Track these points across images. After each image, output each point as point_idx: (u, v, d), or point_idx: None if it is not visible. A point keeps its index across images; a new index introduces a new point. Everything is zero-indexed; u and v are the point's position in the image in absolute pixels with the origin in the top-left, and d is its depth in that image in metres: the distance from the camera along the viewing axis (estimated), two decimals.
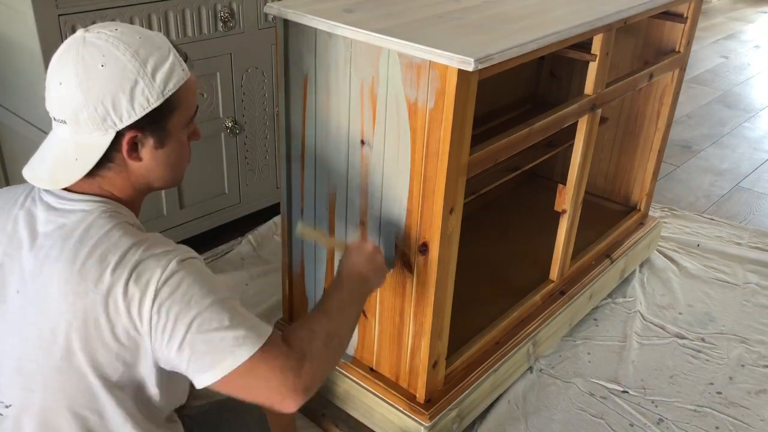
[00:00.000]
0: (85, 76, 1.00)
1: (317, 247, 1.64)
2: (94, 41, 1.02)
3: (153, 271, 0.99)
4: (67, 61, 1.02)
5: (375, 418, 1.65)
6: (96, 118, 1.01)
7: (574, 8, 1.57)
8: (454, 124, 1.27)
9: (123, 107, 1.01)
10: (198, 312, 0.99)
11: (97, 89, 1.00)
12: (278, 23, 1.48)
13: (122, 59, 1.01)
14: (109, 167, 1.06)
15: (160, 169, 1.10)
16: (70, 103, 1.01)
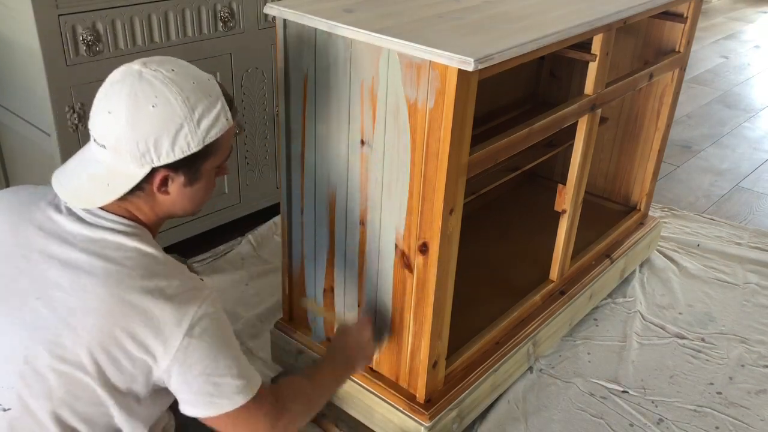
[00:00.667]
0: (135, 112, 1.04)
1: (317, 247, 1.64)
2: (150, 79, 1.06)
3: (191, 305, 1.07)
4: (120, 92, 1.06)
5: (375, 418, 1.65)
6: (136, 153, 1.06)
7: (574, 8, 1.57)
8: (454, 124, 1.27)
9: (164, 148, 1.06)
10: (215, 357, 1.09)
11: (143, 127, 1.04)
12: (278, 23, 1.48)
13: (173, 103, 1.05)
14: (138, 195, 1.12)
15: (185, 203, 1.17)
16: (115, 133, 1.06)
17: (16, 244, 1.10)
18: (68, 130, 1.89)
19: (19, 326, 1.06)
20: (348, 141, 1.47)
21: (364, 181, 1.47)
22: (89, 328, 1.04)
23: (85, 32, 1.84)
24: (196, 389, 1.09)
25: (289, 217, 1.68)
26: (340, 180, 1.52)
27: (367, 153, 1.44)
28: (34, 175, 2.11)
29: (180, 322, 1.06)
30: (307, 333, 1.76)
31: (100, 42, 1.88)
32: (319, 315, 1.70)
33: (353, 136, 1.45)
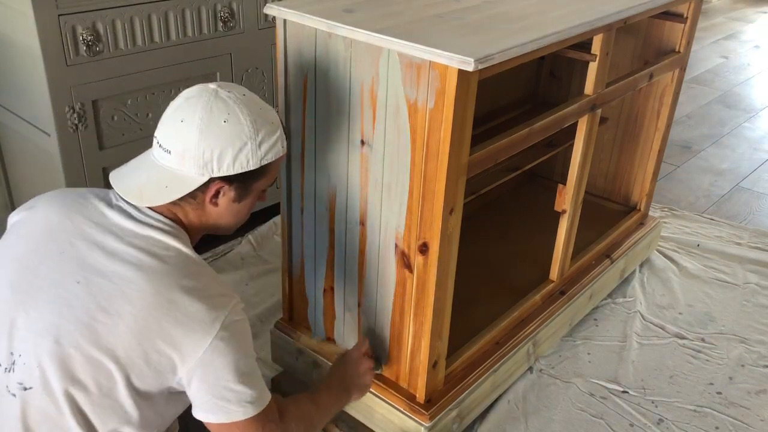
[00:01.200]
0: (208, 123, 1.15)
1: (317, 247, 1.64)
2: (224, 98, 1.17)
3: (222, 310, 1.13)
4: (196, 105, 1.16)
5: (375, 418, 1.65)
6: (200, 161, 1.15)
7: (574, 8, 1.57)
8: (454, 124, 1.27)
9: (226, 161, 1.16)
10: (238, 363, 1.14)
11: (212, 138, 1.15)
12: (278, 23, 1.48)
13: (242, 122, 1.16)
14: (189, 202, 1.20)
15: (229, 218, 1.26)
16: (184, 140, 1.15)
17: (64, 230, 1.17)
18: (68, 130, 1.89)
19: (56, 304, 1.11)
20: (348, 141, 1.47)
21: (364, 181, 1.47)
22: (126, 317, 1.08)
23: (85, 32, 1.84)
24: (213, 393, 1.14)
25: (289, 217, 1.68)
26: (340, 180, 1.52)
27: (367, 153, 1.44)
28: (34, 175, 2.11)
29: (213, 323, 1.12)
30: (307, 333, 1.76)
31: (100, 42, 1.88)
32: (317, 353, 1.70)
33: (353, 136, 1.45)
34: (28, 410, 1.11)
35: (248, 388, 1.16)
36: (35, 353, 1.10)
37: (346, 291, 1.62)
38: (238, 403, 1.15)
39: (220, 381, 1.14)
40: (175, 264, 1.14)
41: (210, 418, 1.16)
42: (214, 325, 1.12)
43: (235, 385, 1.14)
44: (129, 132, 2.04)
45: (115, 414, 1.12)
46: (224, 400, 1.14)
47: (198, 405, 1.16)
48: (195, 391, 1.15)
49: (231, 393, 1.14)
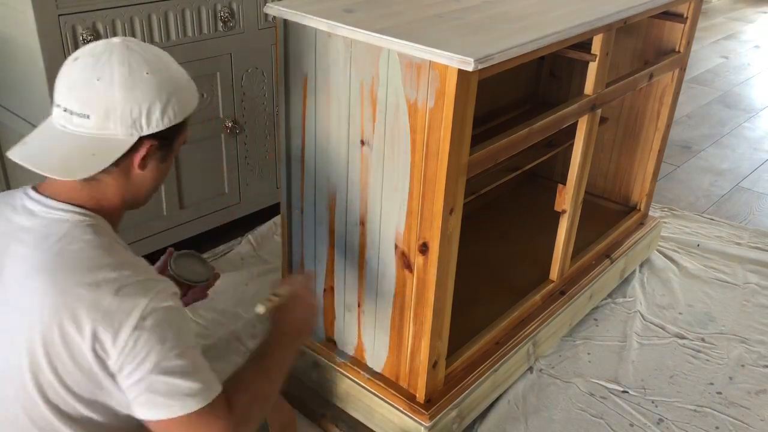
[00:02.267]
0: (130, 78, 1.06)
1: (317, 247, 1.64)
2: (139, 51, 1.09)
3: (140, 298, 1.02)
4: (110, 60, 1.06)
5: (375, 418, 1.65)
6: (127, 119, 1.06)
7: (574, 8, 1.57)
8: (454, 124, 1.27)
9: (155, 116, 1.07)
10: (167, 353, 1.03)
11: (139, 92, 1.06)
12: (278, 23, 1.48)
13: (164, 73, 1.09)
14: (110, 172, 1.09)
15: (152, 183, 1.16)
16: (105, 100, 1.05)
17: None
18: None
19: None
20: (348, 141, 1.47)
21: (364, 181, 1.47)
22: (37, 324, 1.01)
23: (85, 32, 1.83)
24: (146, 387, 1.03)
25: (289, 217, 1.68)
26: (340, 180, 1.52)
27: (367, 153, 1.44)
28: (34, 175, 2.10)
29: (130, 313, 1.01)
30: None
31: None
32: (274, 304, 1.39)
33: (353, 136, 1.45)
34: None
35: (185, 380, 1.03)
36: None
37: (346, 291, 1.62)
38: (176, 396, 1.03)
39: (150, 374, 1.02)
40: (83, 258, 1.03)
41: (147, 414, 1.04)
42: (132, 316, 1.01)
43: (169, 377, 1.02)
44: None
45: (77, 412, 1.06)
46: (159, 394, 1.03)
47: (135, 403, 1.04)
48: (128, 388, 1.04)
49: (166, 386, 1.03)
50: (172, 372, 1.03)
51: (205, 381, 1.06)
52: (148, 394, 1.03)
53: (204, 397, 1.05)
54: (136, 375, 1.02)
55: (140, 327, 1.01)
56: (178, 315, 1.07)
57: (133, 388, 1.03)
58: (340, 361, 1.68)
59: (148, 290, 1.04)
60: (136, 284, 1.04)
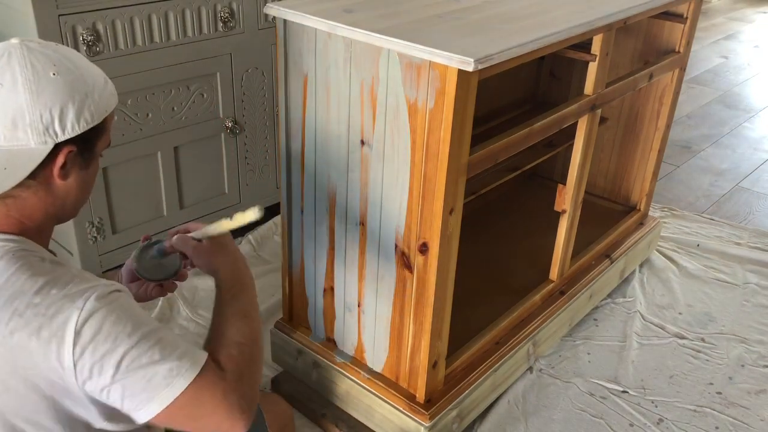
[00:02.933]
0: (35, 80, 0.96)
1: (317, 247, 1.64)
2: (41, 50, 0.99)
3: (69, 313, 0.93)
4: (9, 64, 0.96)
5: (375, 418, 1.65)
6: (38, 126, 0.96)
7: (574, 8, 1.57)
8: (454, 124, 1.27)
9: (69, 119, 0.97)
10: (125, 350, 0.94)
11: (46, 95, 0.96)
12: (278, 23, 1.48)
13: (74, 72, 0.99)
14: (28, 185, 0.99)
15: (78, 192, 1.06)
16: (11, 108, 0.95)
17: None
18: None
19: None
20: (348, 141, 1.47)
21: (364, 181, 1.47)
22: None
23: (85, 32, 1.84)
24: (127, 390, 0.95)
25: (289, 217, 1.68)
26: (340, 180, 1.52)
27: (367, 153, 1.44)
28: None
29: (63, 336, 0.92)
30: (306, 333, 1.76)
31: (100, 42, 1.88)
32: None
33: (353, 136, 1.45)
34: None
35: (160, 364, 0.95)
36: None
37: (346, 291, 1.62)
38: (159, 384, 0.95)
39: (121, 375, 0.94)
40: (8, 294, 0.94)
41: (148, 413, 0.96)
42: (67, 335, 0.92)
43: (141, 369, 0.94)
44: (129, 132, 2.04)
45: None
46: (141, 390, 0.95)
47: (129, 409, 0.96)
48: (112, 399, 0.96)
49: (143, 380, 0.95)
50: (139, 365, 0.95)
51: (181, 355, 0.98)
52: (129, 395, 0.95)
53: (188, 371, 0.97)
54: (102, 384, 0.95)
55: (80, 341, 0.93)
56: (122, 308, 0.97)
57: (111, 397, 0.96)
58: (340, 361, 1.68)
59: (75, 299, 0.95)
60: (63, 300, 0.95)
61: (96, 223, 2.05)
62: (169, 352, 0.97)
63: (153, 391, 0.95)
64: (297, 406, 1.74)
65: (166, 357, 0.96)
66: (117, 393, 0.95)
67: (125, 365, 0.94)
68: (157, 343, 0.97)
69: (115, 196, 2.07)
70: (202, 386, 0.97)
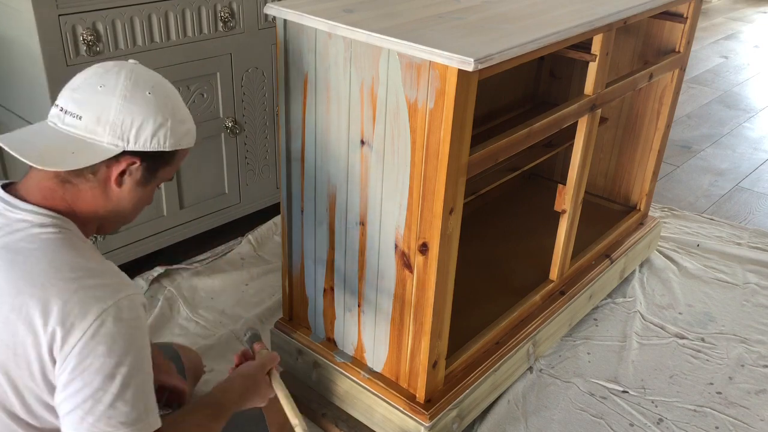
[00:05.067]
0: (132, 91, 1.07)
1: (317, 247, 1.64)
2: (147, 74, 1.11)
3: (98, 302, 0.99)
4: (118, 73, 1.08)
5: (375, 418, 1.65)
6: (117, 129, 1.06)
7: (574, 8, 1.57)
8: (454, 124, 1.27)
9: (144, 134, 1.08)
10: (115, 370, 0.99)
11: (135, 107, 1.07)
12: (278, 23, 1.48)
13: (167, 100, 1.11)
14: (89, 179, 1.09)
15: (128, 205, 1.14)
16: (103, 105, 1.06)
17: None
18: None
19: None
20: (348, 141, 1.47)
21: (364, 181, 1.47)
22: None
23: (86, 32, 1.84)
24: (82, 402, 0.98)
25: (289, 217, 1.68)
26: (340, 180, 1.52)
27: (367, 153, 1.44)
28: None
29: (85, 315, 0.97)
30: (307, 333, 1.76)
31: (100, 42, 1.88)
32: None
33: (353, 136, 1.45)
34: None
35: (127, 406, 0.99)
36: None
37: (346, 291, 1.62)
38: (111, 421, 0.98)
39: (90, 385, 0.97)
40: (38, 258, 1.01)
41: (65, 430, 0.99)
42: (87, 318, 0.97)
43: (111, 397, 0.98)
44: None
45: None
46: (94, 414, 0.98)
47: (65, 417, 0.99)
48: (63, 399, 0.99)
49: (104, 407, 0.98)
50: (115, 393, 0.98)
51: (144, 413, 1.02)
52: (81, 412, 0.98)
53: (137, 429, 1.01)
54: (74, 386, 0.98)
55: (94, 333, 0.97)
56: (140, 331, 1.02)
57: (69, 401, 0.99)
58: (340, 361, 1.68)
59: (113, 293, 1.00)
60: (97, 287, 1.00)
61: None
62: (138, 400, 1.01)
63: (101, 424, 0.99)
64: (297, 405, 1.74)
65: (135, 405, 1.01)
66: (78, 398, 0.99)
67: (111, 380, 0.99)
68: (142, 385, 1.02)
69: None
70: None
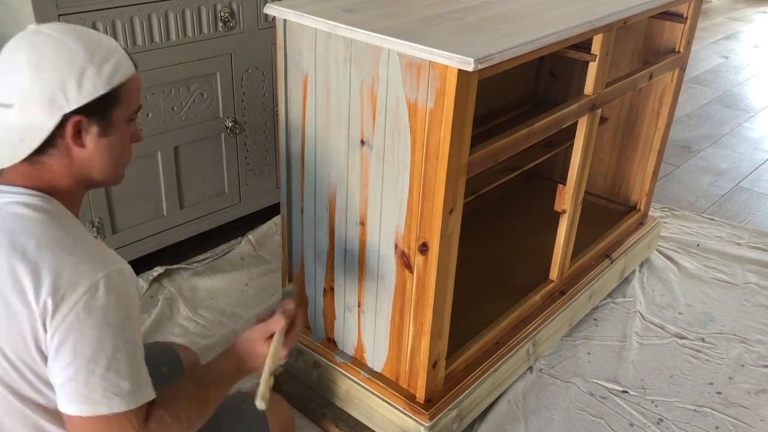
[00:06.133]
0: (37, 59, 1.04)
1: (317, 247, 1.64)
2: (47, 32, 1.06)
3: (89, 273, 1.00)
4: (19, 48, 1.06)
5: (375, 418, 1.65)
6: (44, 100, 1.04)
7: (574, 8, 1.57)
8: (454, 124, 1.27)
9: (71, 90, 1.04)
10: (107, 342, 1.00)
11: (47, 72, 1.04)
12: (278, 23, 1.48)
13: (73, 47, 1.05)
14: (52, 154, 1.08)
15: (102, 159, 1.12)
16: (20, 85, 1.04)
17: None
18: None
19: None
20: (348, 141, 1.47)
21: (364, 181, 1.47)
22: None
23: None
24: (74, 375, 0.99)
25: (289, 217, 1.68)
26: (340, 180, 1.52)
27: (367, 153, 1.44)
28: None
29: (76, 286, 0.99)
30: (306, 333, 1.76)
31: None
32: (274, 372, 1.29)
33: (353, 136, 1.45)
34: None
35: (120, 378, 1.00)
36: None
37: (346, 291, 1.62)
38: (105, 392, 1.00)
39: (84, 356, 0.99)
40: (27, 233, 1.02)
41: (68, 408, 1.00)
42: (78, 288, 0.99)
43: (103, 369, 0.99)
44: None
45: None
46: (87, 386, 0.99)
47: (59, 389, 1.01)
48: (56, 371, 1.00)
49: (97, 379, 0.99)
50: (107, 365, 1.00)
51: (138, 384, 1.03)
52: (74, 384, 1.00)
53: (132, 400, 1.02)
54: (67, 358, 0.99)
55: (85, 305, 0.99)
56: (131, 303, 1.04)
57: (61, 374, 1.00)
58: (340, 361, 1.68)
59: (104, 266, 1.02)
60: (88, 260, 1.02)
61: (96, 222, 2.05)
62: (131, 371, 1.02)
63: (94, 395, 1.00)
64: (297, 406, 1.74)
65: (129, 376, 1.02)
66: (71, 370, 1.00)
67: (100, 354, 1.00)
68: (133, 355, 1.03)
69: (115, 195, 2.07)
70: (126, 420, 1.02)
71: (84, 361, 0.99)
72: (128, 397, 1.02)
